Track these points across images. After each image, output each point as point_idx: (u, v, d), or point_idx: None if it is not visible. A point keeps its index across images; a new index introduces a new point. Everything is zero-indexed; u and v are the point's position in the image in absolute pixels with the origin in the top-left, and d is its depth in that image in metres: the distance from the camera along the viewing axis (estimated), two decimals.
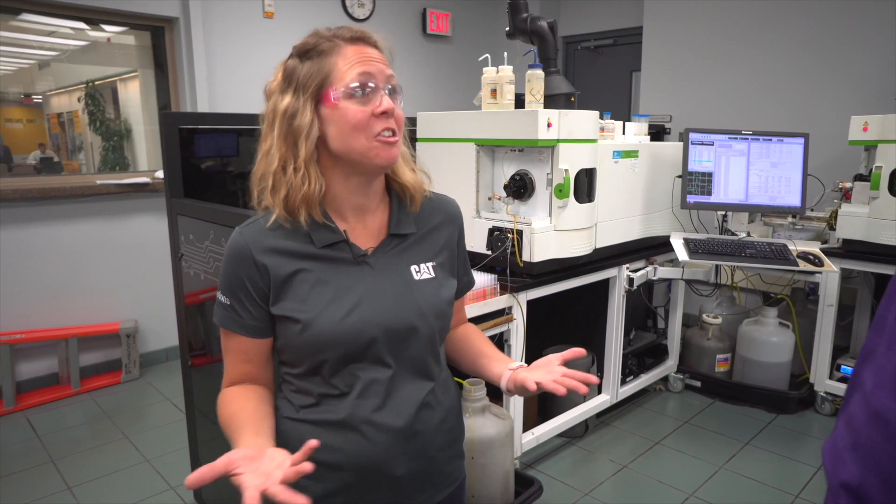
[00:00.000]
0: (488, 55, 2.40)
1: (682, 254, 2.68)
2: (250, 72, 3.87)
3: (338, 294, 0.95)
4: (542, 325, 2.66)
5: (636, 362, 3.07)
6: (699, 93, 4.18)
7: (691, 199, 2.84)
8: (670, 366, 3.26)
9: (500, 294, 2.19)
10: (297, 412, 0.99)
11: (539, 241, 2.26)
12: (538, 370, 0.99)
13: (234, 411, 0.95)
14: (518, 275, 2.29)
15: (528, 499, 2.21)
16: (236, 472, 0.76)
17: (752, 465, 2.58)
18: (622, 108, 4.81)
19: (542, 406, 2.78)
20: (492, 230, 2.35)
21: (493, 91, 2.36)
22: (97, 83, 3.62)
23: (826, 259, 2.66)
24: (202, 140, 2.14)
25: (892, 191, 2.64)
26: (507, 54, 2.38)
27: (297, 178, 0.92)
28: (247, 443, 0.86)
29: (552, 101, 2.41)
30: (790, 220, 3.18)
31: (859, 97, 3.50)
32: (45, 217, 3.24)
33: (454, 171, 2.44)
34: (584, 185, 2.36)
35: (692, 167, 2.83)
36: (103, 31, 3.55)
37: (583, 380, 0.95)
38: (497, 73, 2.36)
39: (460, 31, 5.06)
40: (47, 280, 3.27)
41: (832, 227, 2.99)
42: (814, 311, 3.04)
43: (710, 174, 2.83)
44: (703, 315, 3.33)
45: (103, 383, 3.39)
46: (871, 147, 2.87)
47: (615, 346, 2.81)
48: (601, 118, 2.58)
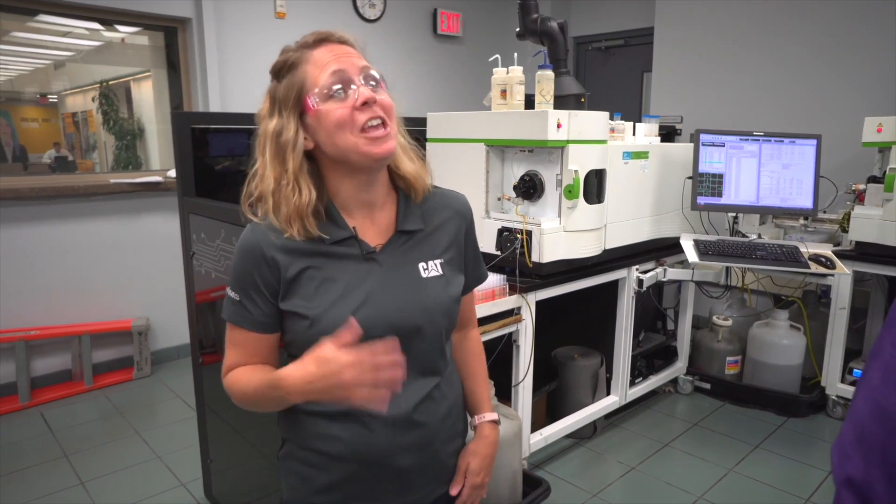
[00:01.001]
0: (498, 56, 2.41)
1: (692, 255, 2.66)
2: (261, 72, 3.83)
3: (346, 291, 0.96)
4: (551, 325, 2.66)
5: (645, 364, 3.06)
6: (710, 94, 4.15)
7: (702, 200, 2.82)
8: (680, 368, 3.25)
9: (510, 294, 2.20)
10: (302, 403, 1.00)
11: (548, 241, 2.26)
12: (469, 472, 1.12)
13: (254, 376, 0.98)
14: (527, 275, 2.29)
15: (535, 499, 2.21)
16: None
17: (762, 468, 2.56)
18: (632, 109, 4.79)
19: (550, 407, 2.78)
20: (501, 230, 2.35)
21: (504, 92, 2.36)
22: (111, 83, 3.66)
23: (838, 261, 2.64)
24: (213, 139, 2.16)
25: None
26: (517, 55, 2.38)
27: (287, 190, 0.94)
28: (296, 366, 0.89)
29: (562, 101, 2.40)
30: (801, 222, 3.16)
31: (873, 98, 3.46)
32: (59, 215, 3.28)
33: (464, 171, 2.44)
34: (594, 186, 2.36)
35: (703, 168, 2.81)
36: (117, 31, 3.59)
37: None
38: (507, 73, 2.36)
39: (471, 32, 5.07)
40: (61, 277, 3.31)
41: (844, 230, 2.97)
42: (825, 313, 3.02)
43: (721, 175, 2.81)
44: (713, 317, 3.32)
45: (115, 380, 3.43)
46: (885, 149, 2.85)
47: (624, 347, 2.80)
48: (611, 119, 2.57)
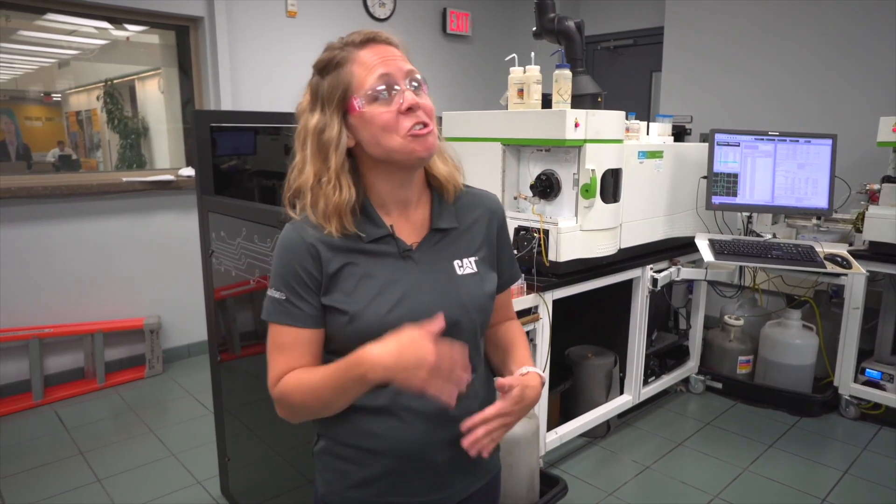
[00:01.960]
0: (515, 55, 2.41)
1: (707, 255, 2.66)
2: (272, 70, 3.90)
3: (384, 288, 0.98)
4: (566, 324, 2.66)
5: (658, 363, 3.06)
6: (720, 94, 4.15)
7: (716, 199, 2.82)
8: (691, 367, 3.25)
9: (527, 293, 2.20)
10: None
11: (565, 240, 2.27)
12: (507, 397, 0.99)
13: (317, 371, 0.95)
14: (544, 274, 2.29)
15: (553, 498, 2.21)
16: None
17: (777, 467, 2.57)
18: (642, 109, 4.79)
19: (563, 406, 2.78)
20: (518, 230, 2.36)
21: (520, 91, 2.37)
22: (115, 82, 3.66)
23: (854, 261, 2.64)
24: (219, 138, 2.16)
25: None
26: (533, 54, 2.38)
27: (328, 188, 0.96)
28: (379, 344, 0.88)
29: (579, 101, 2.41)
30: (814, 221, 3.16)
31: (886, 98, 3.46)
32: (71, 213, 3.28)
33: (480, 170, 2.44)
34: (610, 186, 2.36)
35: (718, 168, 2.81)
36: (126, 30, 3.58)
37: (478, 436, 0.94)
38: (524, 72, 2.37)
39: (480, 31, 5.07)
40: (73, 275, 3.32)
41: (858, 230, 2.96)
42: (837, 314, 3.02)
43: (736, 175, 2.81)
44: (725, 316, 3.32)
45: (127, 378, 3.44)
46: None
47: (638, 346, 2.81)
48: (626, 118, 2.58)
